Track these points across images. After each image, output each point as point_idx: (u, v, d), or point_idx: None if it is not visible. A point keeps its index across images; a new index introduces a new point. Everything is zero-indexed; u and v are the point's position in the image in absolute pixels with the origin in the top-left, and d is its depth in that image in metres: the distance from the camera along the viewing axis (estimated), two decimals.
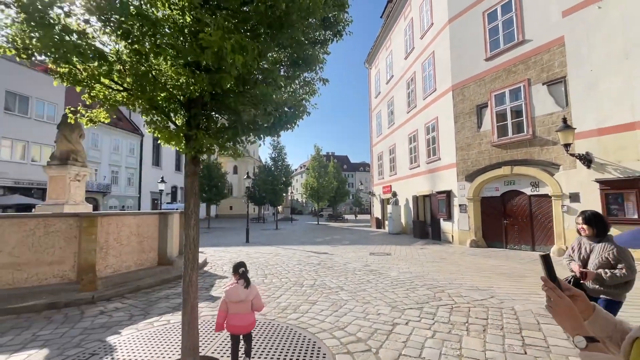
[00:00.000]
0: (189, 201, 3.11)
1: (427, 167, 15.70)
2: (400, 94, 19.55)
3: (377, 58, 25.17)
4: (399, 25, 20.22)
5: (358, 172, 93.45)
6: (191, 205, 3.10)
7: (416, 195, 16.91)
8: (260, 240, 15.92)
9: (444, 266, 8.24)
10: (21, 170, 20.49)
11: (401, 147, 19.40)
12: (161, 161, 39.81)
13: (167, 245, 7.45)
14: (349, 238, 16.72)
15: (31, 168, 21.14)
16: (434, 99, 15.01)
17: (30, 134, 21.02)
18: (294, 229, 25.96)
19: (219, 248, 13.04)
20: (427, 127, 15.75)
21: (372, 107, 26.40)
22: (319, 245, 13.71)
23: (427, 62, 15.85)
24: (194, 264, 3.17)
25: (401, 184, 19.38)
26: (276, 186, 24.78)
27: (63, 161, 7.75)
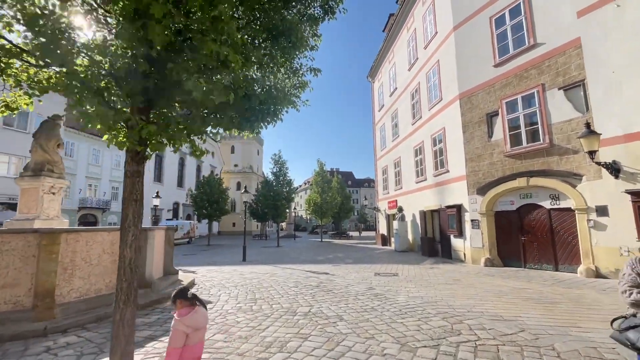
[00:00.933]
0: (127, 210, 2.37)
1: (435, 180, 14.85)
2: (405, 106, 18.97)
3: (380, 71, 24.85)
4: (401, 38, 19.91)
5: (363, 187, 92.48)
6: (130, 215, 2.36)
7: (424, 210, 15.98)
8: (258, 259, 14.99)
9: (459, 289, 7.27)
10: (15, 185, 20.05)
11: (406, 160, 18.63)
12: (163, 177, 39.44)
13: (146, 265, 6.63)
14: (352, 256, 15.72)
15: None
16: (440, 109, 14.35)
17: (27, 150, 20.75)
18: (296, 246, 24.94)
19: (212, 267, 12.15)
20: (433, 138, 15.02)
21: (376, 120, 25.87)
22: (320, 264, 12.75)
23: (431, 72, 15.31)
24: (129, 295, 2.37)
25: (407, 198, 18.49)
26: (278, 201, 24.01)
27: (37, 172, 7.10)
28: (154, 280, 6.76)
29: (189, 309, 2.58)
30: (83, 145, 27.65)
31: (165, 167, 39.93)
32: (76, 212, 26.89)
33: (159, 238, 7.82)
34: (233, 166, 58.96)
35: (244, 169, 58.29)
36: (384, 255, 15.96)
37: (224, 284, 8.35)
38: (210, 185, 27.02)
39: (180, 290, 2.60)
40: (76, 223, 26.82)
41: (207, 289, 7.73)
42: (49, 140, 7.38)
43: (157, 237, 7.60)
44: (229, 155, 59.14)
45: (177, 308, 2.59)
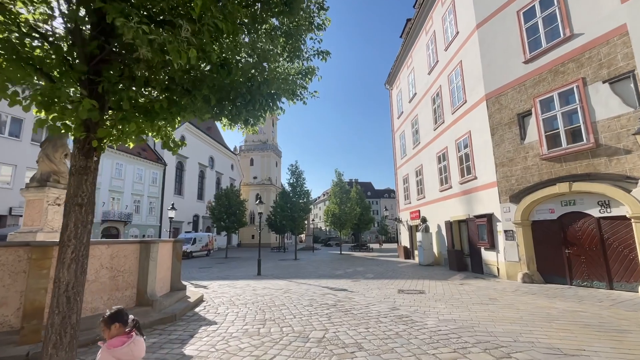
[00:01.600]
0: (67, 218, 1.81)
1: (461, 188, 13.81)
2: (425, 111, 18.12)
3: (398, 78, 24.18)
4: (420, 41, 19.24)
5: (383, 198, 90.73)
6: (71, 225, 1.81)
7: (449, 220, 14.89)
8: (273, 273, 14.35)
9: (499, 311, 6.29)
10: None
11: (429, 168, 17.65)
12: (183, 190, 40.01)
13: (148, 281, 6.14)
14: (373, 270, 14.77)
15: None
16: (465, 112, 13.44)
17: None
18: (314, 259, 24.13)
19: (225, 282, 11.61)
20: (458, 143, 14.07)
21: (395, 128, 25.06)
22: (339, 279, 11.93)
23: (453, 74, 14.49)
24: (63, 335, 1.78)
25: (431, 208, 17.41)
26: (295, 213, 23.43)
27: (42, 183, 6.87)
28: (157, 298, 6.25)
29: (125, 338, 1.97)
30: (107, 161, 28.40)
31: (186, 179, 40.54)
32: (99, 225, 27.43)
33: (164, 251, 7.36)
34: (252, 178, 59.37)
35: (262, 181, 58.53)
36: (407, 269, 14.90)
37: (233, 301, 7.74)
38: (228, 196, 26.91)
39: (117, 312, 2.00)
40: (99, 236, 27.34)
41: (215, 307, 7.14)
42: (56, 150, 7.17)
43: (162, 250, 7.15)
44: (248, 167, 59.72)
45: (108, 335, 1.97)
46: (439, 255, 16.46)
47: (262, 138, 61.04)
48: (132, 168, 31.12)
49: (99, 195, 27.36)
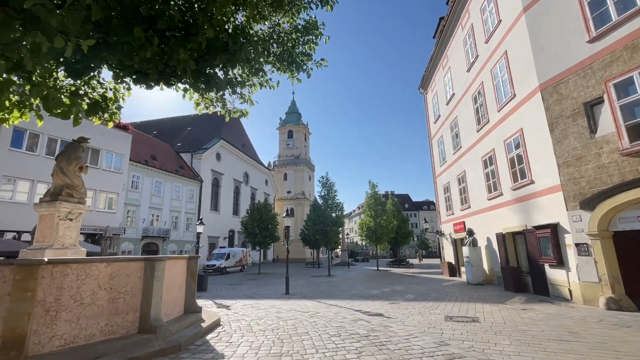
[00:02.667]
0: None
1: (514, 195, 11.97)
2: (466, 112, 16.48)
3: (432, 80, 22.70)
4: (456, 38, 17.82)
5: (422, 210, 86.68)
6: None
7: (501, 232, 12.98)
8: (303, 291, 13.31)
9: (589, 353, 4.71)
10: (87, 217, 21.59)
11: (473, 174, 15.84)
12: (219, 205, 40.78)
13: (152, 304, 5.44)
14: (414, 290, 13.18)
15: (96, 215, 22.26)
16: (514, 108, 11.77)
17: (98, 183, 22.50)
18: (349, 275, 22.73)
19: (250, 301, 10.79)
20: (507, 144, 12.33)
21: (432, 134, 23.38)
22: (374, 300, 10.60)
23: (497, 67, 12.92)
24: None
25: (478, 219, 15.50)
26: (327, 226, 22.36)
27: (54, 197, 6.59)
28: (161, 324, 5.50)
29: None
30: (147, 179, 29.63)
31: (221, 195, 41.34)
32: (140, 241, 28.37)
33: (176, 270, 6.69)
34: (286, 193, 59.52)
35: (296, 195, 58.40)
36: (454, 289, 13.11)
37: (252, 327, 6.82)
38: (260, 211, 26.62)
39: None
40: (140, 251, 28.23)
41: (230, 334, 6.25)
42: (70, 163, 6.91)
43: (172, 269, 6.48)
44: (281, 182, 60.07)
45: None
46: (490, 273, 14.42)
47: (295, 152, 61.38)
48: (170, 185, 32.22)
49: (139, 212, 28.47)
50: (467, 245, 15.13)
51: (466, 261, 15.11)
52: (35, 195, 18.59)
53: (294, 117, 64.70)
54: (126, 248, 27.02)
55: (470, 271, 14.59)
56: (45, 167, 20.01)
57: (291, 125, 63.03)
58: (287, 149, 62.35)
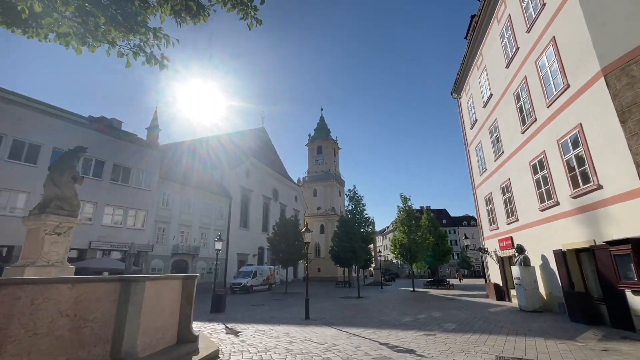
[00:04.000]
0: None
1: (576, 204, 9.95)
2: (507, 113, 14.65)
3: (466, 83, 20.98)
4: (491, 34, 16.23)
5: (461, 226, 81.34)
6: None
7: (561, 249, 10.86)
8: (325, 316, 11.93)
9: None
10: (116, 234, 22.02)
11: (520, 182, 13.82)
12: (248, 222, 40.65)
13: (125, 334, 4.52)
14: (455, 317, 11.30)
15: (126, 232, 22.66)
16: (569, 101, 9.96)
17: (127, 201, 23.06)
18: (381, 297, 20.84)
19: (264, 327, 9.66)
20: (562, 143, 10.44)
21: (469, 140, 21.41)
22: (406, 329, 9.00)
23: (544, 57, 11.21)
24: None
25: (528, 233, 13.34)
26: (355, 243, 20.84)
27: (42, 209, 6.07)
28: (137, 358, 4.55)
29: None
30: (177, 196, 30.13)
31: (250, 212, 41.28)
32: (170, 258, 28.54)
33: (166, 292, 5.79)
34: (316, 209, 58.61)
35: (326, 211, 57.25)
36: (504, 317, 11.06)
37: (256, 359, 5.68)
38: (286, 227, 25.75)
39: None
40: (169, 269, 28.36)
41: None
42: (62, 173, 6.44)
43: (161, 291, 5.60)
44: (311, 198, 59.37)
45: None
46: (548, 298, 12.13)
47: (324, 168, 60.74)
48: (200, 202, 32.56)
49: (169, 230, 28.81)
50: (517, 265, 12.97)
51: (517, 283, 12.90)
52: None
53: (323, 132, 64.54)
54: (156, 265, 27.23)
55: (523, 295, 12.38)
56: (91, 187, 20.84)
57: (320, 141, 62.82)
58: (317, 165, 61.93)
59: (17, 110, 17.97)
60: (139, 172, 24.33)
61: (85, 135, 21.13)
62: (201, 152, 41.76)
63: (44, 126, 18.88)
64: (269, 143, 54.57)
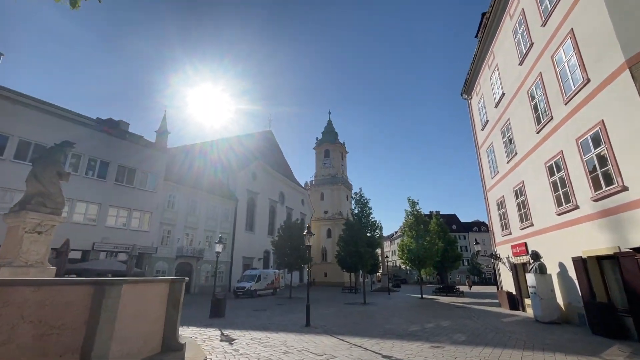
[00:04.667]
0: None
1: (598, 207, 9.23)
2: (521, 112, 13.96)
3: (477, 83, 20.30)
4: (503, 30, 15.60)
5: (471, 232, 79.55)
6: None
7: (580, 256, 10.10)
8: (327, 323, 11.36)
9: None
10: (120, 235, 21.87)
11: (535, 184, 13.08)
12: (254, 225, 40.33)
13: (97, 342, 4.09)
14: (465, 327, 10.61)
15: (130, 233, 22.50)
16: (589, 96, 9.29)
17: (132, 202, 22.93)
18: (388, 304, 20.12)
19: (261, 334, 9.16)
20: (582, 142, 9.74)
21: (479, 142, 20.67)
22: (412, 340, 8.39)
23: (561, 51, 10.57)
24: None
25: (544, 239, 12.58)
26: (360, 247, 20.20)
27: (22, 206, 5.74)
28: None
29: None
30: (183, 198, 30.00)
31: (257, 215, 40.97)
32: (174, 261, 28.32)
33: (150, 297, 5.37)
34: (323, 213, 58.02)
35: (333, 215, 56.62)
36: (518, 328, 10.32)
37: None
38: (291, 230, 25.27)
39: None
40: (174, 271, 28.15)
41: None
42: (45, 168, 6.11)
43: (144, 295, 5.17)
44: (318, 202, 58.83)
45: None
46: (567, 309, 11.33)
47: (332, 172, 60.23)
48: (205, 204, 32.39)
49: (174, 232, 28.64)
50: (533, 272, 12.19)
51: (532, 292, 12.12)
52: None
53: (331, 136, 64.17)
54: (160, 267, 27.04)
55: (539, 305, 11.59)
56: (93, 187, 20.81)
57: (327, 144, 62.44)
58: (324, 168, 61.48)
59: (22, 110, 18.05)
60: (144, 174, 24.23)
61: (91, 136, 21.16)
62: (208, 154, 41.79)
63: (49, 126, 18.92)
64: (276, 146, 54.42)
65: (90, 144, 20.81)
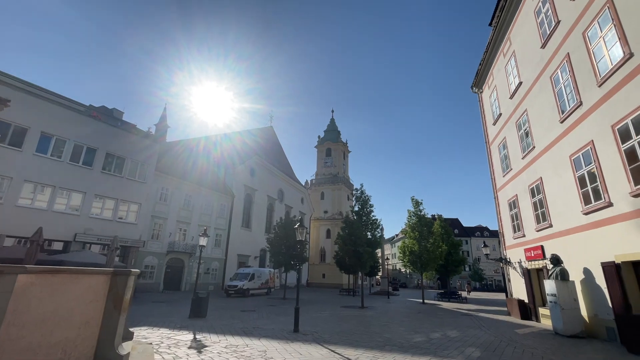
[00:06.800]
0: None
1: (638, 204, 7.86)
2: (542, 101, 12.61)
3: (490, 74, 18.95)
4: (522, 12, 14.28)
5: (474, 237, 77.85)
6: None
7: (613, 261, 8.73)
8: (319, 329, 10.02)
9: None
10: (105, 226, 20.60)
11: (556, 181, 11.71)
12: (251, 223, 39.03)
13: None
14: (476, 338, 9.24)
15: (116, 225, 21.23)
16: (631, 74, 7.94)
17: (120, 193, 21.67)
18: (387, 308, 18.74)
19: (240, 340, 7.84)
20: (618, 129, 8.39)
21: (490, 138, 19.30)
22: (416, 354, 7.04)
23: (596, 25, 9.24)
24: None
25: (565, 242, 11.20)
26: (359, 247, 18.85)
27: None
28: None
29: None
30: (177, 191, 28.75)
31: (254, 212, 39.68)
32: (165, 256, 27.07)
33: (78, 292, 4.06)
34: (323, 212, 56.62)
35: (333, 215, 55.19)
36: (537, 342, 8.94)
37: None
38: (286, 227, 23.93)
39: None
40: (164, 267, 26.91)
41: None
42: None
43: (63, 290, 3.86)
44: (318, 201, 57.46)
45: None
46: (592, 321, 9.94)
47: (333, 171, 58.85)
48: (200, 199, 31.14)
49: (166, 226, 27.39)
50: (553, 279, 10.81)
51: (552, 301, 10.73)
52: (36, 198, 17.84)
53: (333, 134, 62.83)
54: (150, 262, 25.79)
55: (560, 316, 10.20)
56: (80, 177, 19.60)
57: (329, 143, 61.09)
58: (325, 167, 60.10)
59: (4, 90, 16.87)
60: (135, 163, 22.96)
61: (79, 121, 19.96)
62: (206, 149, 40.58)
63: (33, 109, 17.73)
64: (276, 143, 53.17)
65: (77, 130, 19.59)
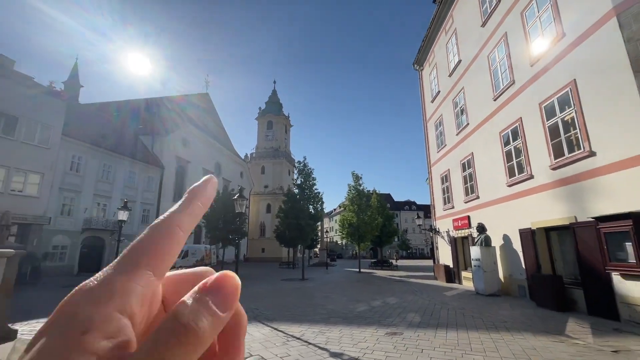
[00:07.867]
0: None
1: (556, 176, 8.69)
2: (478, 79, 13.21)
3: (431, 52, 19.42)
4: None
5: (403, 210, 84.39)
6: None
7: (529, 228, 9.71)
8: (259, 305, 9.50)
9: None
10: None
11: (485, 155, 12.58)
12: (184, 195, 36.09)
13: None
14: (413, 304, 9.68)
15: (10, 198, 17.50)
16: (562, 53, 8.48)
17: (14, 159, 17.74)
18: (327, 279, 19.10)
19: None
20: (545, 107, 9.05)
21: (427, 115, 20.12)
22: (362, 324, 6.97)
23: (534, 4, 9.64)
24: None
25: (489, 212, 12.26)
26: (301, 220, 18.61)
27: None
28: None
29: None
30: (93, 161, 24.78)
31: (187, 185, 36.66)
32: (79, 234, 23.55)
33: None
34: (263, 187, 55.22)
35: (274, 190, 54.22)
36: (464, 302, 9.71)
37: None
38: (225, 202, 22.47)
39: None
40: (78, 247, 23.49)
41: None
42: None
43: None
44: (259, 175, 55.71)
45: None
46: (507, 281, 11.19)
47: (274, 145, 57.17)
48: (123, 170, 27.44)
49: (79, 200, 23.63)
50: (478, 245, 11.82)
51: (476, 265, 11.78)
52: None
53: (275, 107, 60.49)
54: (60, 242, 22.18)
55: (482, 278, 11.27)
56: None
57: (271, 116, 58.80)
58: (266, 141, 58.05)
59: None
60: (33, 124, 18.85)
61: None
62: (130, 113, 35.57)
63: None
64: (213, 111, 49.27)
65: None
